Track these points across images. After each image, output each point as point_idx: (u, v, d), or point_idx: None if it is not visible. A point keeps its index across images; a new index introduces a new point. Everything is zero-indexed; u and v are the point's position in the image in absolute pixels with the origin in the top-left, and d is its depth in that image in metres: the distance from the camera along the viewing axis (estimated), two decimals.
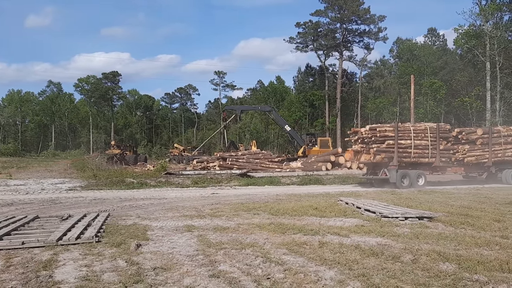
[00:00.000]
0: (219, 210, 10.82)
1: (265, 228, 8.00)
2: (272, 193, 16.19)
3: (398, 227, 7.97)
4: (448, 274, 4.89)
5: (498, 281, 4.62)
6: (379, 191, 16.65)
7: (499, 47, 42.46)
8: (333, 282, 4.70)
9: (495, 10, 43.18)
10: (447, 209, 10.45)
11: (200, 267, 5.41)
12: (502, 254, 5.84)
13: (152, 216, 9.88)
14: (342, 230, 7.79)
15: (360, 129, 20.74)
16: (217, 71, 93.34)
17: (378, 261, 5.52)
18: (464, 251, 6.05)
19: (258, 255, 5.94)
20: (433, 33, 65.28)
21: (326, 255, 5.89)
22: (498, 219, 8.92)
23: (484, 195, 14.64)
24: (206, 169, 25.89)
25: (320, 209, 10.38)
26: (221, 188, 19.38)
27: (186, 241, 7.01)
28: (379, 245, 6.48)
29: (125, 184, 19.86)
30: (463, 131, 21.48)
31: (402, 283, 4.63)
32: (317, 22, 58.80)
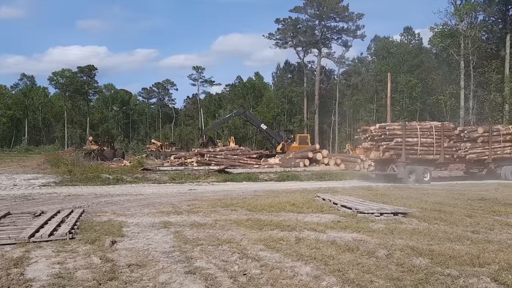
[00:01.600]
0: (196, 206, 10.76)
1: (242, 224, 8.00)
2: (250, 189, 16.20)
3: (374, 223, 8.08)
4: (421, 269, 4.98)
5: (469, 275, 4.73)
6: (355, 187, 16.86)
7: (473, 46, 43.42)
8: (309, 278, 4.73)
9: (470, 10, 44.12)
10: (421, 205, 10.67)
11: (176, 263, 5.37)
12: (473, 248, 5.99)
13: (128, 213, 9.75)
14: (319, 226, 7.85)
15: (370, 127, 21.65)
16: (196, 66, 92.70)
17: (354, 257, 5.59)
18: (437, 246, 6.18)
19: (235, 251, 5.93)
20: (409, 31, 66.31)
21: (303, 250, 5.92)
22: (470, 215, 9.14)
23: (457, 191, 15.00)
24: (184, 165, 25.68)
25: (297, 205, 10.44)
26: (198, 184, 19.28)
27: (162, 238, 6.94)
28: (355, 240, 6.56)
29: (100, 180, 19.53)
30: (465, 129, 22.59)
31: (376, 277, 4.69)
32: (296, 18, 59.09)
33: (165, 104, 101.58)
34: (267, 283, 4.58)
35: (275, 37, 60.87)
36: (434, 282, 4.51)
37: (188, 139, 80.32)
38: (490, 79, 44.28)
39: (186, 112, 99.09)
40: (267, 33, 61.98)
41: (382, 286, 4.41)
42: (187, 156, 28.54)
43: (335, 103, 60.36)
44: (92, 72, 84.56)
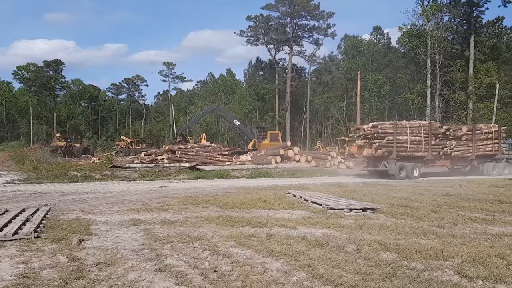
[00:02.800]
0: (167, 203, 10.65)
1: (213, 221, 7.98)
2: (222, 186, 16.18)
3: (343, 219, 8.21)
4: (388, 263, 5.10)
5: (433, 268, 4.88)
6: (326, 184, 17.08)
7: (439, 46, 44.73)
8: (279, 273, 4.77)
9: (436, 11, 45.42)
10: (389, 201, 10.91)
11: (146, 261, 5.31)
12: (437, 242, 6.18)
13: (96, 210, 9.56)
14: (290, 222, 7.91)
15: (363, 126, 23.01)
16: (166, 62, 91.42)
17: (323, 252, 5.67)
18: (403, 240, 6.34)
19: (205, 248, 5.91)
20: (378, 31, 67.59)
21: (273, 247, 5.96)
22: (435, 210, 9.42)
23: (423, 187, 15.42)
24: (154, 162, 25.36)
25: (268, 202, 10.49)
26: (169, 181, 19.09)
27: (131, 236, 6.84)
28: (325, 236, 6.65)
29: (68, 177, 19.06)
30: (450, 128, 23.75)
31: (345, 272, 4.78)
32: (267, 16, 59.17)
33: (135, 100, 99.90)
34: (238, 280, 4.59)
35: (246, 34, 60.90)
36: (400, 276, 4.63)
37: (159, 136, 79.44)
38: (455, 78, 45.74)
39: (157, 109, 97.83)
40: (239, 30, 61.91)
41: (350, 280, 4.50)
42: (158, 153, 28.19)
43: (306, 100, 60.92)
44: (59, 66, 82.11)
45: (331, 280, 4.51)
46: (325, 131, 63.99)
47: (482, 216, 8.60)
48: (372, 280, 4.49)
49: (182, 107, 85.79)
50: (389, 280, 4.49)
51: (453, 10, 47.67)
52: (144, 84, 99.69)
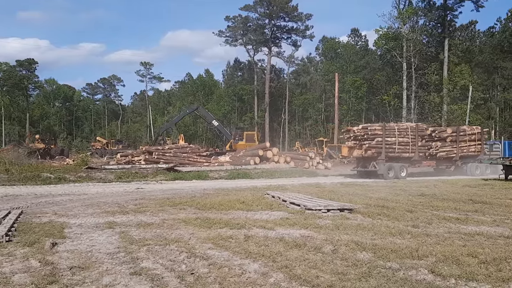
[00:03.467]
0: (144, 205, 10.51)
1: (191, 223, 7.91)
2: (200, 187, 16.08)
3: (321, 219, 8.25)
4: (365, 263, 5.15)
5: (408, 267, 4.95)
6: (304, 185, 17.17)
7: (414, 49, 45.58)
8: (257, 275, 4.76)
9: (412, 14, 46.29)
10: (366, 201, 11.03)
11: (121, 264, 5.21)
12: (413, 242, 6.27)
13: (70, 213, 9.35)
14: (268, 223, 7.91)
15: (353, 128, 23.69)
16: (144, 62, 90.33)
17: (301, 253, 5.68)
18: (379, 240, 6.41)
19: (182, 250, 5.85)
20: (356, 33, 68.50)
21: (251, 248, 5.94)
22: (410, 210, 9.57)
23: (399, 188, 15.66)
24: (131, 164, 25.00)
25: (247, 203, 10.47)
26: (146, 183, 18.87)
27: (106, 238, 6.71)
28: (302, 237, 6.66)
29: (41, 179, 18.62)
30: (436, 129, 24.84)
31: (322, 272, 4.80)
32: (246, 16, 59.13)
33: (112, 101, 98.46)
34: (215, 282, 4.55)
35: (225, 34, 60.69)
36: (376, 275, 4.67)
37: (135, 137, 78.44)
38: (430, 80, 46.72)
39: (133, 109, 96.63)
40: (217, 31, 61.69)
41: (327, 280, 4.51)
42: (135, 154, 27.82)
43: (285, 101, 61.19)
44: (32, 66, 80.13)
45: (308, 280, 4.52)
46: (303, 132, 64.42)
47: (455, 216, 8.78)
48: (348, 280, 4.52)
49: (160, 108, 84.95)
50: (365, 280, 4.52)
51: (428, 13, 48.71)
52: (121, 84, 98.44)
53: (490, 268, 4.93)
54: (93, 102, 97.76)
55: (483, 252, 5.62)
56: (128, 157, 27.12)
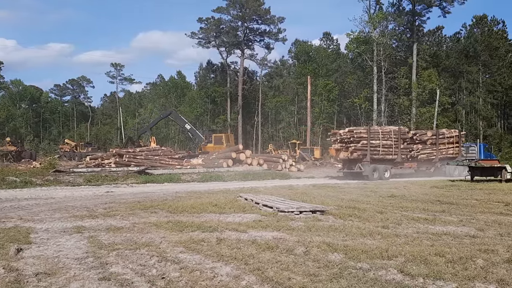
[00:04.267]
0: (114, 209, 10.30)
1: (162, 227, 7.80)
2: (171, 190, 15.90)
3: (293, 221, 8.29)
4: (336, 264, 5.19)
5: (378, 267, 5.02)
6: (277, 187, 17.23)
7: (384, 53, 46.54)
8: (229, 278, 4.72)
9: (382, 19, 47.24)
10: (338, 203, 11.16)
11: (89, 270, 5.08)
12: (382, 243, 6.38)
13: (36, 218, 9.06)
14: (240, 225, 7.88)
15: (340, 131, 24.76)
16: (114, 63, 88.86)
17: (273, 255, 5.68)
18: (350, 241, 6.49)
19: (153, 254, 5.75)
20: (328, 37, 69.35)
21: (224, 251, 5.90)
22: (380, 211, 9.74)
23: (370, 189, 15.93)
24: (101, 166, 24.46)
25: (219, 206, 10.40)
26: (116, 186, 18.53)
27: (74, 243, 6.54)
28: (275, 239, 6.67)
29: (6, 183, 17.96)
30: (417, 133, 26.03)
31: (294, 274, 4.81)
32: (219, 19, 58.99)
33: (81, 102, 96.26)
34: (186, 286, 4.49)
35: (197, 36, 60.35)
36: (347, 276, 4.72)
37: (105, 139, 76.93)
38: (400, 84, 47.80)
39: (103, 111, 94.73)
40: (190, 32, 61.28)
41: (299, 282, 4.53)
42: (105, 156, 27.28)
43: (258, 104, 61.32)
44: None
45: (280, 282, 4.52)
46: (276, 134, 64.68)
47: (424, 216, 8.98)
48: (320, 281, 4.55)
49: (131, 110, 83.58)
50: (337, 281, 4.56)
51: (398, 18, 49.82)
52: (90, 85, 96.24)
53: (456, 267, 5.06)
54: (61, 103, 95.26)
55: (450, 251, 5.76)
56: (98, 160, 26.57)
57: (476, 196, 13.30)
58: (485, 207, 10.66)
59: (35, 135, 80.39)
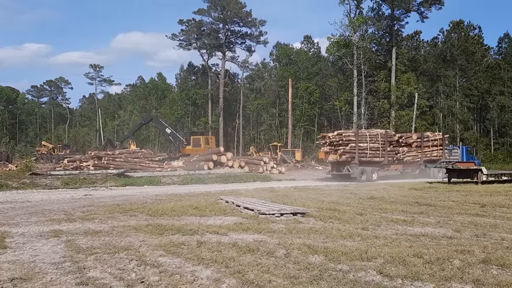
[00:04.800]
0: (92, 212, 10.13)
1: (141, 230, 7.70)
2: (151, 193, 15.74)
3: (274, 223, 8.29)
4: (316, 266, 5.22)
5: (358, 269, 5.07)
6: (258, 189, 17.24)
7: (364, 57, 47.11)
8: (209, 281, 4.69)
9: (362, 23, 47.81)
10: (318, 205, 11.22)
11: (67, 275, 4.98)
12: (362, 244, 6.43)
13: (12, 222, 8.84)
14: (221, 228, 7.85)
15: (328, 134, 25.47)
16: (93, 64, 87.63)
17: (254, 257, 5.67)
18: (331, 243, 6.53)
19: (132, 258, 5.68)
20: (309, 40, 69.87)
21: (204, 254, 5.86)
22: (360, 213, 9.83)
23: (350, 191, 16.07)
24: (79, 169, 24.08)
25: (200, 209, 10.34)
26: (95, 189, 18.25)
27: (51, 248, 6.40)
28: (256, 241, 6.66)
29: None
30: (403, 136, 26.69)
31: (274, 277, 4.81)
32: (200, 20, 58.76)
33: (59, 104, 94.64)
34: None
35: (178, 38, 59.99)
36: (327, 278, 4.74)
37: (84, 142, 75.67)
38: (379, 87, 48.46)
39: (82, 113, 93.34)
40: (170, 34, 60.87)
41: (280, 284, 4.53)
42: (83, 159, 26.84)
43: (239, 106, 61.29)
44: None
45: (261, 285, 4.52)
46: (258, 136, 64.76)
47: (402, 218, 9.10)
48: (300, 284, 4.56)
49: (110, 112, 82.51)
50: (317, 283, 4.58)
51: (377, 23, 50.50)
52: (68, 86, 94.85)
53: (434, 267, 5.14)
54: (38, 105, 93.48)
55: (428, 252, 5.86)
56: (76, 162, 26.14)
57: (453, 197, 13.55)
58: (462, 208, 10.88)
59: (11, 137, 78.46)
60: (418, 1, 49.81)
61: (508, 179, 21.06)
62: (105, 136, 62.08)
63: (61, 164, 28.58)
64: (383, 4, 51.07)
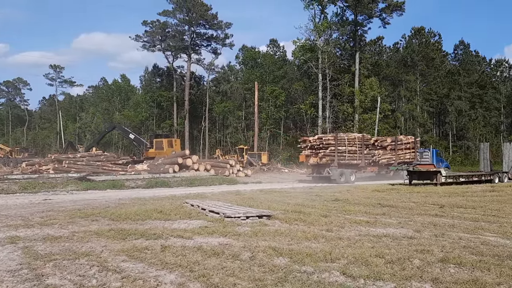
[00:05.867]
0: (51, 218, 9.77)
1: (103, 235, 7.50)
2: (114, 197, 15.38)
3: (240, 226, 8.28)
4: (281, 268, 5.24)
5: (322, 270, 5.13)
6: (224, 192, 17.17)
7: (329, 61, 47.93)
8: (173, 286, 4.63)
9: (326, 28, 48.65)
10: (284, 207, 11.28)
11: (24, 282, 4.79)
12: (326, 246, 6.52)
13: None
14: (186, 232, 7.76)
15: (309, 138, 26.86)
16: (53, 65, 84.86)
17: (219, 261, 5.64)
18: (296, 245, 6.58)
19: (93, 264, 5.52)
20: (275, 43, 70.36)
21: (168, 258, 5.78)
22: (325, 215, 9.96)
23: (315, 193, 16.26)
24: (38, 173, 23.26)
25: (165, 212, 10.19)
26: (55, 193, 17.65)
27: (7, 255, 6.13)
28: (221, 245, 6.63)
29: None
30: (378, 139, 28.00)
31: (239, 280, 4.80)
32: (164, 22, 58.05)
33: (17, 105, 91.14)
34: None
35: (142, 39, 59.03)
36: (291, 280, 4.77)
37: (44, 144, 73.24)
38: (343, 91, 49.41)
39: (41, 115, 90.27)
40: (134, 35, 59.80)
41: (244, 287, 4.52)
42: (42, 163, 25.98)
43: (205, 109, 60.94)
44: None
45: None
46: (224, 139, 64.55)
47: (365, 219, 9.30)
48: (265, 286, 4.57)
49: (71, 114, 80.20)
50: (281, 285, 4.60)
51: (341, 28, 51.48)
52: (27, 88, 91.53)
53: (395, 267, 5.28)
54: None
55: (389, 252, 6.01)
56: (35, 166, 25.27)
57: (414, 199, 13.97)
58: (422, 209, 11.23)
59: None
60: (380, 8, 51.16)
61: (465, 180, 21.93)
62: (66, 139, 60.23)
63: (19, 167, 27.52)
64: (347, 10, 52.14)
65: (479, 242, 6.85)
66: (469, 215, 10.04)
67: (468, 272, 5.11)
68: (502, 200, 13.60)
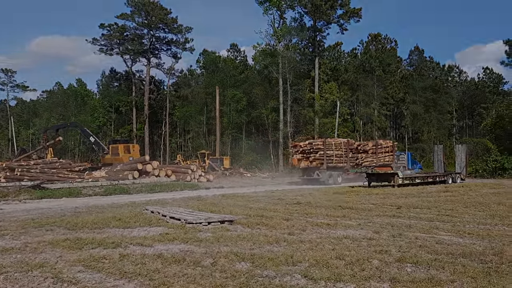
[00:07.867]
0: (2, 228, 9.30)
1: (58, 245, 7.20)
2: (71, 206, 14.85)
3: (202, 232, 8.19)
4: (243, 273, 5.21)
5: (283, 274, 5.15)
6: (186, 198, 16.96)
7: (289, 66, 48.50)
8: None
9: (286, 33, 49.24)
10: (246, 212, 11.28)
11: None
12: (288, 249, 6.55)
13: None
14: (146, 239, 7.59)
15: (300, 143, 29.21)
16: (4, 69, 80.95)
17: (180, 268, 5.54)
18: (258, 249, 6.57)
19: (48, 276, 5.29)
20: (235, 48, 70.41)
21: (127, 267, 5.62)
22: (287, 218, 10.03)
23: (277, 197, 16.36)
24: None
25: (124, 220, 9.93)
26: (7, 203, 16.84)
27: None
28: (182, 251, 6.52)
29: None
30: (361, 144, 30.43)
31: (200, 286, 4.73)
32: (123, 25, 56.85)
33: None
34: None
35: (99, 42, 57.52)
36: (253, 285, 4.76)
37: None
38: (304, 96, 50.11)
39: None
40: (91, 38, 58.21)
41: None
42: None
43: (166, 114, 60.09)
44: None
45: None
46: (185, 144, 63.83)
47: (326, 222, 9.43)
48: None
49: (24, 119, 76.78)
50: None
51: (300, 33, 52.25)
52: None
53: (354, 268, 5.37)
54: None
55: (349, 254, 6.11)
56: None
57: (373, 200, 14.33)
58: (380, 210, 11.53)
59: None
60: (338, 14, 52.35)
61: (421, 181, 22.74)
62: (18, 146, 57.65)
63: None
64: (305, 16, 53.02)
65: (434, 242, 7.09)
66: (424, 215, 10.40)
67: (424, 271, 5.27)
68: (455, 200, 14.20)
